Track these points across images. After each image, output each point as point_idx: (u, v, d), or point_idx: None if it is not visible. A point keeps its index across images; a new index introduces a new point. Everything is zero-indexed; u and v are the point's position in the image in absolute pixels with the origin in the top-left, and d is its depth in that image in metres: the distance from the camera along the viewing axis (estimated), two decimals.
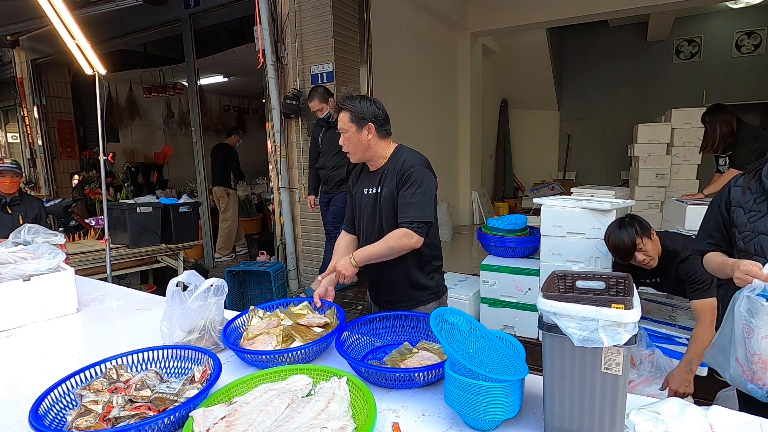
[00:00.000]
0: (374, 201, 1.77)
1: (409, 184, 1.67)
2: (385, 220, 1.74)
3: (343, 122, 1.71)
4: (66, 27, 2.96)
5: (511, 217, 3.43)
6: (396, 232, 1.65)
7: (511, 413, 1.01)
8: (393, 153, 1.77)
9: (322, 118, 3.69)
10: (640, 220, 2.22)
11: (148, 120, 8.35)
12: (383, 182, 1.75)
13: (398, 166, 1.71)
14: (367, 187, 1.80)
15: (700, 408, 0.99)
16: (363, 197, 1.81)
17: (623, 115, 8.47)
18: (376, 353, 1.45)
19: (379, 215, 1.76)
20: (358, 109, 1.69)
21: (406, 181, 1.67)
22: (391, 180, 1.72)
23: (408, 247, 1.65)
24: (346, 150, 1.75)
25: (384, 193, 1.73)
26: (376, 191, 1.77)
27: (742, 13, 7.43)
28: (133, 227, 3.91)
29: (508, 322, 3.22)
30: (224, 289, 1.45)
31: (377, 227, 1.77)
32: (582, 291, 1.16)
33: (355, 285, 4.06)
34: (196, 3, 4.88)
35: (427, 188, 1.67)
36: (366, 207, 1.80)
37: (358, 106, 1.69)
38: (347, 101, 1.71)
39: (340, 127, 1.72)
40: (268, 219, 6.31)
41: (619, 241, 2.20)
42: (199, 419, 0.97)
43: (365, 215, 1.81)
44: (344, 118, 1.70)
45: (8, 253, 1.79)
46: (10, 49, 6.84)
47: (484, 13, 6.77)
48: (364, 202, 1.81)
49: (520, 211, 8.10)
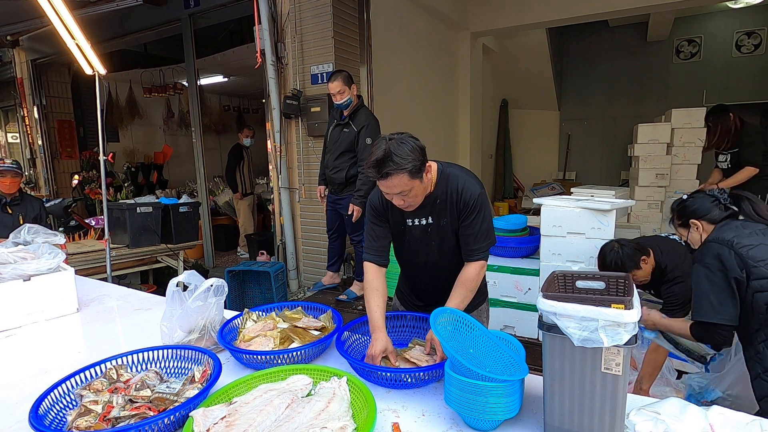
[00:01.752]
0: (426, 232, 1.59)
1: (474, 214, 1.52)
2: (441, 251, 1.61)
3: (402, 185, 1.40)
4: (66, 27, 2.96)
5: (511, 217, 3.43)
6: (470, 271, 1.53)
7: (511, 413, 1.01)
8: (439, 177, 1.55)
9: (340, 105, 3.37)
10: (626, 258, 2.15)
11: (148, 120, 8.34)
12: (438, 212, 1.55)
13: (456, 195, 1.52)
14: (412, 218, 1.58)
15: (700, 408, 0.99)
16: (408, 228, 1.61)
17: (623, 115, 8.47)
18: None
19: (436, 246, 1.61)
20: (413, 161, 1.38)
21: (471, 212, 1.52)
22: (450, 210, 1.54)
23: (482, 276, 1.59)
24: (409, 206, 1.51)
25: (442, 224, 1.56)
26: (427, 221, 1.58)
27: (742, 13, 7.43)
28: (133, 227, 3.91)
29: (508, 322, 3.22)
30: (224, 290, 1.45)
31: (431, 258, 1.63)
32: (582, 291, 1.16)
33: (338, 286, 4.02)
34: (196, 3, 4.88)
35: (489, 212, 1.56)
36: (414, 238, 1.62)
37: (410, 157, 1.38)
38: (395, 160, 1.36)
39: (402, 191, 1.42)
40: (268, 219, 6.31)
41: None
42: (199, 419, 0.97)
43: (413, 246, 1.64)
44: (401, 180, 1.38)
45: (8, 253, 1.79)
46: (10, 49, 6.83)
47: (484, 13, 6.76)
48: (410, 233, 1.62)
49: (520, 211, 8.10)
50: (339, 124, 3.50)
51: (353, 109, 3.43)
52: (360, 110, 3.47)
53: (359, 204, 3.37)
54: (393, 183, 1.40)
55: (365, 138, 3.38)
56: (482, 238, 1.54)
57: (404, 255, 1.72)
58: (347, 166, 3.48)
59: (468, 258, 1.56)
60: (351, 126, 3.44)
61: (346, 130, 3.46)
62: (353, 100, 3.40)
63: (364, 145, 3.38)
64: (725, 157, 3.59)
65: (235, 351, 1.32)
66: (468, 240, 1.54)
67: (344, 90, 3.31)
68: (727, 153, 3.56)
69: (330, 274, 4.00)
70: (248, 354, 1.30)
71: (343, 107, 3.41)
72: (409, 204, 1.49)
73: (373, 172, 1.40)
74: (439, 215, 1.56)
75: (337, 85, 3.30)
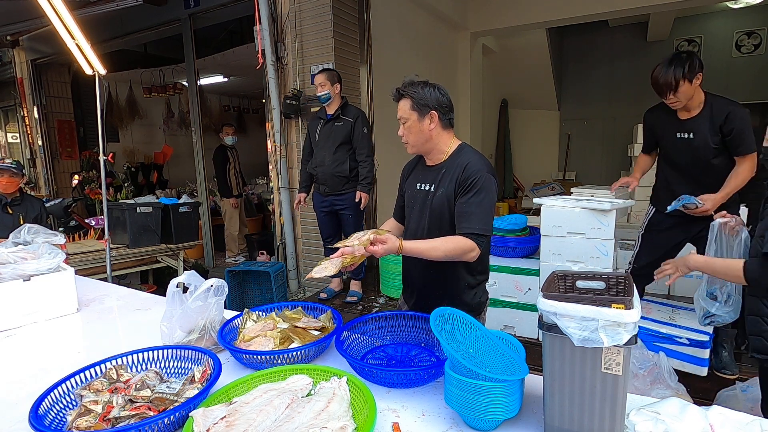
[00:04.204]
0: (425, 198, 1.65)
1: (473, 191, 1.52)
2: (431, 222, 1.63)
3: (403, 110, 1.58)
4: (66, 27, 2.96)
5: (511, 217, 3.42)
6: (460, 240, 1.49)
7: (511, 413, 1.01)
8: (455, 151, 1.64)
9: (319, 97, 3.46)
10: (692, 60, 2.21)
11: (148, 120, 8.35)
12: (440, 180, 1.62)
13: (460, 168, 1.57)
14: (420, 182, 1.69)
15: (700, 408, 0.99)
16: (414, 191, 1.70)
17: (623, 115, 8.48)
18: (375, 353, 1.45)
19: (427, 214, 1.64)
20: (420, 95, 1.55)
21: (471, 188, 1.52)
22: (450, 181, 1.59)
23: (465, 259, 1.52)
24: (405, 141, 1.63)
25: (439, 193, 1.60)
26: (429, 188, 1.65)
27: (742, 13, 7.43)
28: (133, 227, 3.91)
29: (508, 322, 3.22)
30: (224, 290, 1.45)
31: (422, 227, 1.66)
32: (582, 291, 1.16)
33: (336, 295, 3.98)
34: (196, 3, 4.88)
35: (491, 199, 1.54)
36: (416, 203, 1.69)
37: (421, 93, 1.55)
38: (409, 87, 1.57)
39: (400, 115, 1.59)
40: (268, 219, 6.31)
41: (662, 76, 2.25)
42: (199, 419, 0.97)
43: (414, 211, 1.70)
44: (405, 105, 1.57)
45: (8, 253, 1.79)
46: (10, 49, 6.84)
47: (484, 13, 6.76)
48: (414, 196, 1.70)
49: (520, 211, 8.10)
50: (328, 121, 3.52)
51: (340, 105, 3.50)
52: (347, 106, 3.56)
53: (367, 191, 3.48)
54: (400, 105, 1.60)
55: (362, 127, 3.46)
56: (478, 219, 1.50)
57: (407, 222, 1.76)
58: (346, 159, 3.49)
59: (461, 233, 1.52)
60: (343, 119, 3.48)
61: (338, 124, 3.49)
62: (332, 97, 3.46)
63: (361, 134, 3.46)
64: None
65: (235, 351, 1.32)
66: (464, 216, 1.52)
67: (325, 84, 3.42)
68: None
69: (337, 281, 4.00)
70: (248, 354, 1.30)
71: (322, 101, 3.49)
72: (405, 139, 1.64)
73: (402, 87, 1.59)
74: (441, 183, 1.62)
75: (319, 78, 3.44)
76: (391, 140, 4.29)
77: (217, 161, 5.64)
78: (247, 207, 6.51)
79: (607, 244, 2.77)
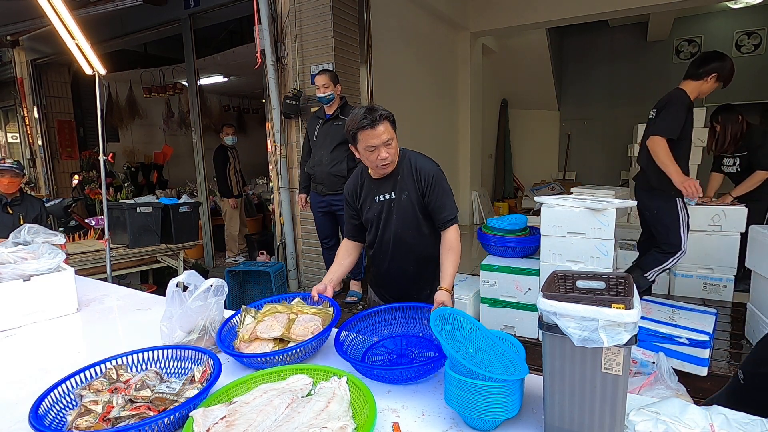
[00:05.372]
0: (388, 206, 1.77)
1: (435, 188, 1.72)
2: (403, 224, 1.77)
3: (388, 132, 1.64)
4: (66, 27, 2.96)
5: (511, 217, 3.42)
6: (450, 236, 1.72)
7: (511, 413, 1.01)
8: (400, 155, 1.75)
9: (321, 98, 3.50)
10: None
11: (148, 120, 8.34)
12: (398, 187, 1.75)
13: (414, 172, 1.73)
14: (377, 195, 1.79)
15: (700, 408, 0.99)
16: (374, 205, 1.80)
17: (623, 115, 8.48)
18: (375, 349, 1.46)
19: (397, 220, 1.77)
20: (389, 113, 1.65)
21: (433, 186, 1.72)
22: (408, 185, 1.73)
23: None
24: (389, 161, 1.68)
25: (403, 197, 1.74)
26: (389, 196, 1.76)
27: (742, 13, 7.43)
28: (133, 227, 3.90)
29: (508, 322, 3.22)
30: (224, 290, 1.45)
31: (395, 231, 1.79)
32: (582, 291, 1.15)
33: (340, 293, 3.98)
34: (196, 3, 4.88)
35: (448, 186, 1.77)
36: (380, 214, 1.80)
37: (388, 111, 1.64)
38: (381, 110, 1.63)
39: (387, 138, 1.63)
40: (268, 219, 6.31)
41: None
42: (199, 419, 0.97)
43: (380, 222, 1.80)
44: (387, 127, 1.64)
45: (8, 253, 1.79)
46: (10, 49, 6.83)
47: (484, 13, 6.76)
48: (375, 209, 1.80)
49: (520, 211, 8.10)
50: (326, 121, 3.57)
51: (339, 105, 3.54)
52: (346, 106, 3.60)
53: None
54: (381, 129, 1.61)
55: None
56: (449, 207, 1.74)
57: (371, 235, 1.86)
58: (344, 158, 3.51)
59: (443, 226, 1.75)
60: (342, 119, 3.50)
61: (337, 124, 3.52)
62: (335, 98, 3.51)
63: None
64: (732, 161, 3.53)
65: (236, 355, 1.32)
66: (437, 210, 1.74)
67: (329, 85, 3.46)
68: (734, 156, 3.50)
69: None
70: (248, 357, 1.30)
71: (325, 102, 3.53)
72: (391, 159, 1.67)
73: (367, 118, 1.59)
74: (400, 190, 1.75)
75: (322, 79, 3.46)
76: None
77: (218, 161, 5.64)
78: (247, 207, 6.50)
79: (607, 244, 2.77)
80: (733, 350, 2.70)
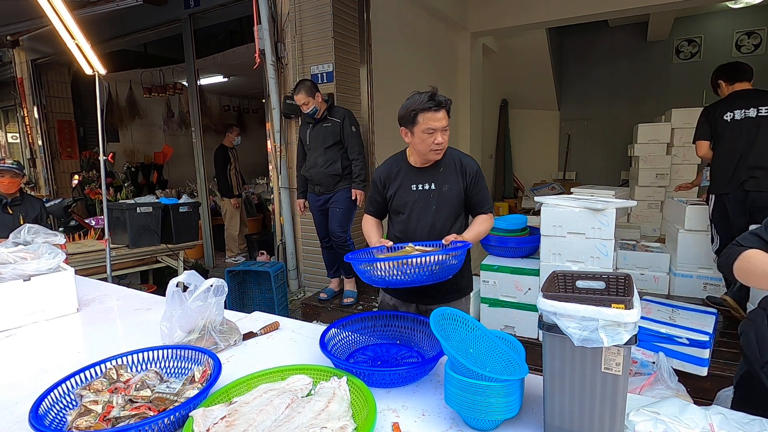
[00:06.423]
0: (427, 197, 1.82)
1: (479, 182, 1.84)
2: (443, 216, 1.82)
3: (447, 120, 1.71)
4: (66, 27, 2.96)
5: (511, 217, 3.42)
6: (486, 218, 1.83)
7: (511, 413, 1.01)
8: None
9: (308, 113, 3.47)
10: None
11: (148, 120, 8.34)
12: (441, 179, 1.81)
13: (459, 165, 1.81)
14: (416, 183, 1.84)
15: (700, 408, 0.99)
16: (410, 192, 1.85)
17: (623, 115, 8.47)
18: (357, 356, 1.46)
19: (435, 211, 1.82)
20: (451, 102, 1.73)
21: (476, 181, 1.83)
22: (451, 179, 1.81)
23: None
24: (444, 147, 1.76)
25: (444, 189, 1.80)
26: (429, 187, 1.82)
27: (742, 13, 7.42)
28: (133, 227, 3.90)
29: (508, 322, 3.22)
30: (224, 290, 1.45)
31: (431, 221, 1.83)
32: (582, 291, 1.15)
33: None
34: (196, 3, 4.88)
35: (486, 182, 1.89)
36: (415, 203, 1.84)
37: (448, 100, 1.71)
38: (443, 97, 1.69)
39: (446, 125, 1.71)
40: (268, 219, 6.31)
41: None
42: (199, 419, 0.97)
43: (415, 210, 1.84)
44: (446, 116, 1.71)
45: (8, 253, 1.79)
46: (10, 49, 6.83)
47: (484, 13, 6.76)
48: (412, 197, 1.85)
49: (520, 211, 8.10)
50: (316, 124, 3.55)
51: (326, 108, 3.53)
52: (333, 107, 3.58)
53: (362, 188, 3.51)
54: (443, 114, 1.69)
55: (350, 126, 3.49)
56: (487, 200, 1.88)
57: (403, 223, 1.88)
58: (338, 158, 3.51)
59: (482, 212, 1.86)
60: (331, 119, 3.51)
61: (326, 125, 3.51)
62: (319, 108, 3.48)
63: (350, 132, 3.49)
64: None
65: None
66: (479, 204, 1.85)
67: (309, 101, 3.42)
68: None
69: (336, 281, 4.00)
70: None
71: (311, 114, 3.51)
72: (444, 146, 1.75)
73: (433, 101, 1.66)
74: (442, 182, 1.81)
75: (301, 98, 3.41)
76: (390, 140, 4.29)
77: (218, 161, 5.65)
78: (247, 207, 6.51)
79: (607, 244, 2.77)
80: (734, 350, 2.70)
